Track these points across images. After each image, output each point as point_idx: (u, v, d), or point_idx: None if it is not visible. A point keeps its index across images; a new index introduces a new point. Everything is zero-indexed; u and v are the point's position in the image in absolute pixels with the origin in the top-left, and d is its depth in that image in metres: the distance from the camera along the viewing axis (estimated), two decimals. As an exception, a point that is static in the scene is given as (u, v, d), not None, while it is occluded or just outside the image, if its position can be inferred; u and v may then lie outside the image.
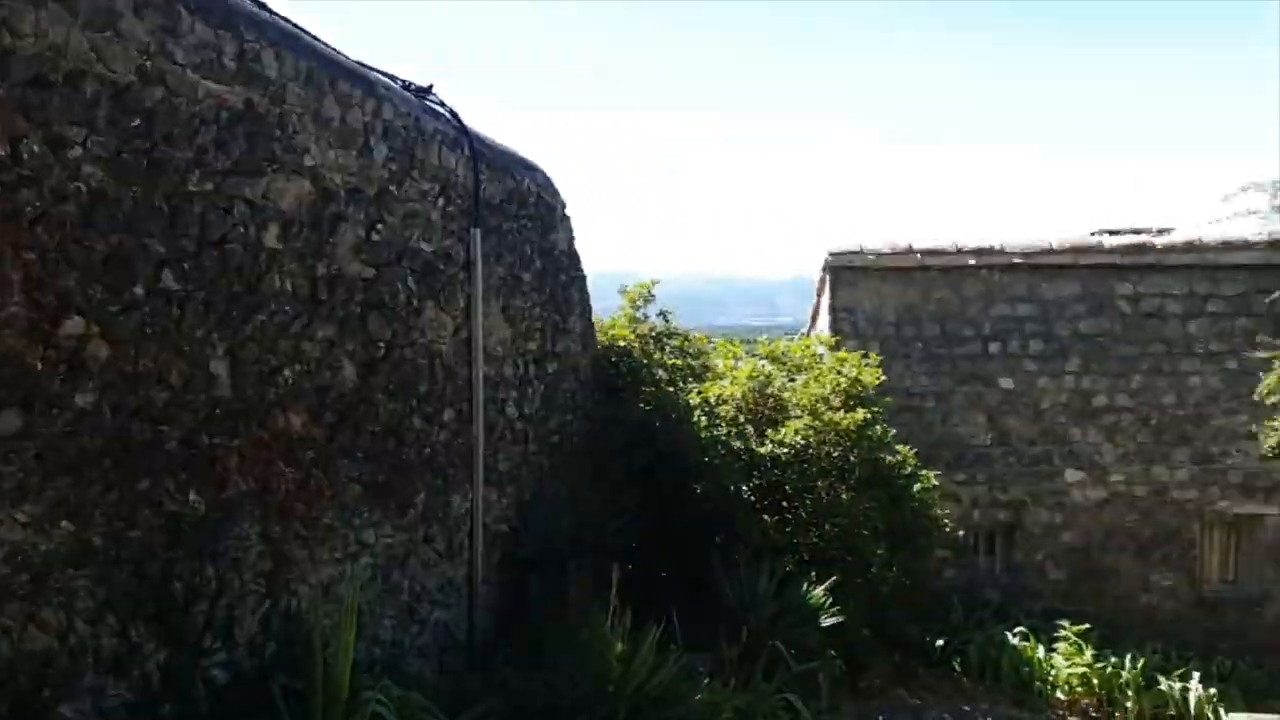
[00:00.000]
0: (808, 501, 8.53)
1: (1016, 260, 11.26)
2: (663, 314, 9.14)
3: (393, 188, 5.38)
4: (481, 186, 6.13)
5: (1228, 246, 11.02)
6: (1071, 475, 11.42)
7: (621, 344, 8.75)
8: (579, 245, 8.00)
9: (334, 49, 5.01)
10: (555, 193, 7.50)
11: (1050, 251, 11.22)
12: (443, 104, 5.93)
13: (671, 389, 8.64)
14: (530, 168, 7.17)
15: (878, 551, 8.56)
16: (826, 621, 7.42)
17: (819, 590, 7.55)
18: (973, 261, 11.28)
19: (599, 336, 8.63)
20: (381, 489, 5.33)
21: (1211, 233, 11.08)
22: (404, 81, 5.63)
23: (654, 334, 9.06)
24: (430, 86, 5.80)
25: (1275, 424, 8.95)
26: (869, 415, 8.54)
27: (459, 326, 6.04)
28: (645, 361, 8.70)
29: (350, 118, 5.01)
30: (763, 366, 8.98)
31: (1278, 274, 11.02)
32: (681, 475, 7.99)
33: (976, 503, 11.50)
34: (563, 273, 7.64)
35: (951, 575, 11.29)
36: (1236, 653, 10.95)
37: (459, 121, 6.02)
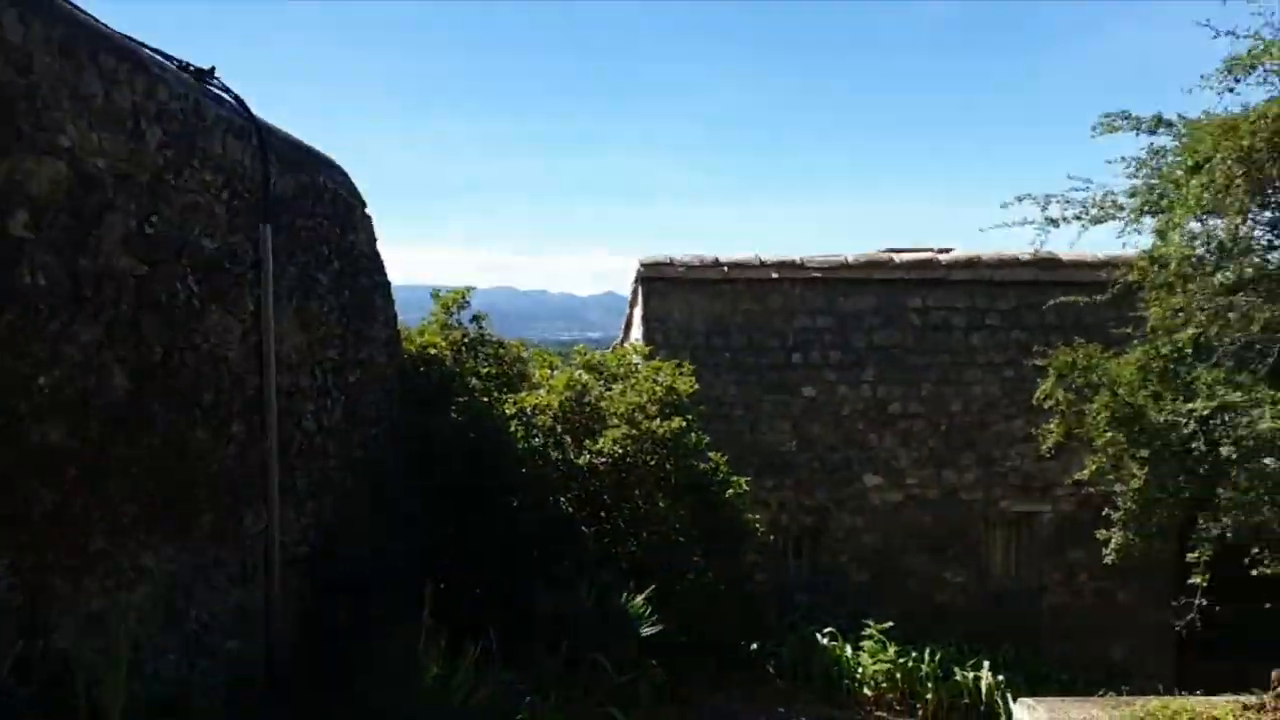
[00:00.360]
0: (626, 511, 8.45)
1: (816, 275, 11.70)
2: (476, 319, 8.84)
3: (169, 177, 4.89)
4: (272, 180, 5.69)
5: (1002, 264, 11.88)
6: (870, 479, 11.93)
7: (432, 352, 8.39)
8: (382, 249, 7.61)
9: (96, 19, 4.50)
10: (355, 191, 7.10)
11: (847, 266, 11.73)
12: (227, 90, 5.47)
13: (486, 399, 8.36)
14: (328, 164, 6.75)
15: (695, 558, 8.58)
16: (646, 631, 7.34)
17: (639, 600, 7.46)
18: (776, 275, 11.63)
19: (407, 345, 8.24)
20: (162, 509, 4.79)
21: (989, 251, 11.91)
22: (181, 62, 5.14)
23: (467, 341, 8.75)
24: (213, 69, 5.33)
25: (1050, 427, 9.61)
26: (684, 423, 8.57)
27: (247, 331, 5.56)
28: (458, 370, 8.38)
29: (117, 96, 4.51)
30: (580, 376, 8.86)
31: (1046, 290, 11.95)
32: (498, 488, 7.72)
33: (784, 507, 11.81)
34: (364, 275, 7.24)
35: (763, 579, 11.51)
36: (1020, 641, 11.74)
37: (246, 110, 5.57)
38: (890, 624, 10.44)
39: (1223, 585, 11.77)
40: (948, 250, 12.51)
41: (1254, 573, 8.79)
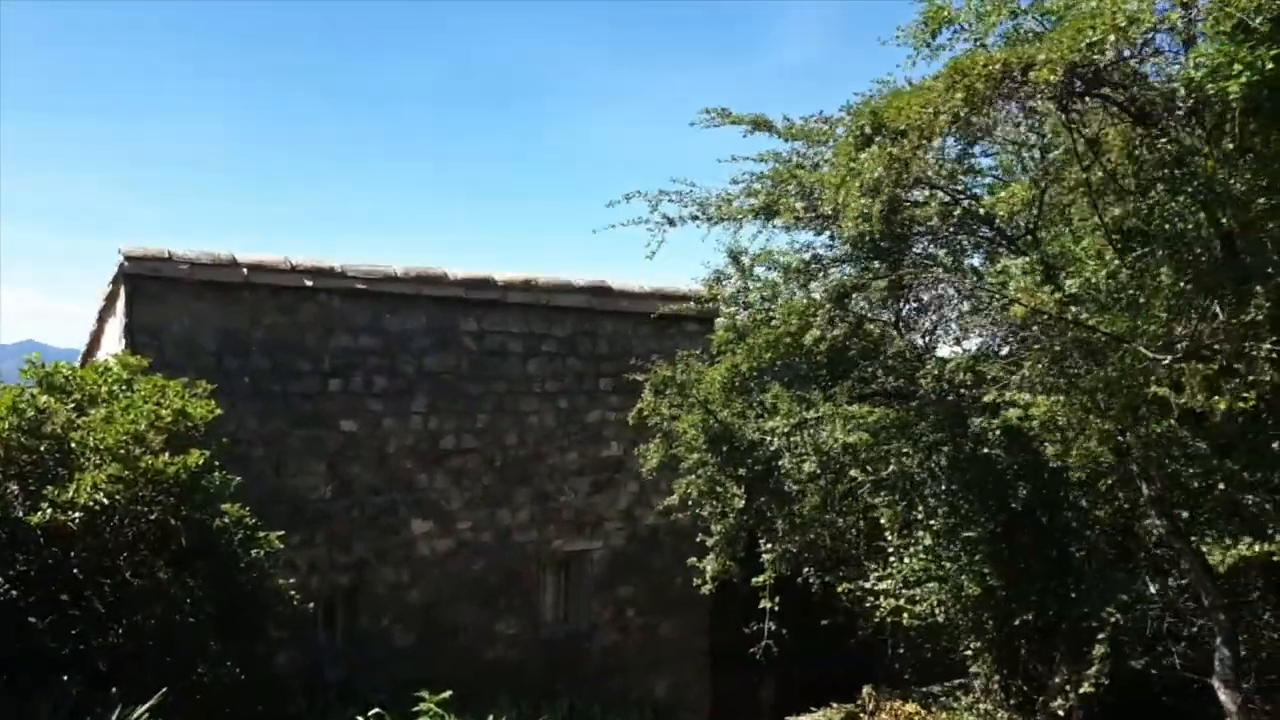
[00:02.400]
0: (107, 587, 5.96)
1: (360, 286, 9.96)
2: None
3: None
4: None
5: (558, 288, 11.19)
6: (419, 525, 10.38)
7: None
8: None
9: None
10: None
11: (394, 279, 10.17)
12: None
13: None
14: None
15: (210, 644, 6.35)
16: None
17: (141, 712, 5.13)
18: (310, 283, 9.67)
19: None
20: None
21: (545, 275, 11.15)
22: None
23: None
24: None
25: (651, 448, 8.97)
26: (203, 458, 6.33)
27: None
28: None
29: None
30: (35, 396, 6.16)
31: (599, 318, 11.53)
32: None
33: (315, 567, 9.77)
34: None
35: (287, 659, 9.33)
36: (572, 688, 10.95)
37: None
38: (449, 693, 8.92)
39: (748, 604, 12.08)
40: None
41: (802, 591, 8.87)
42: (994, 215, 5.96)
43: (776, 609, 8.59)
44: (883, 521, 7.54)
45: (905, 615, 7.30)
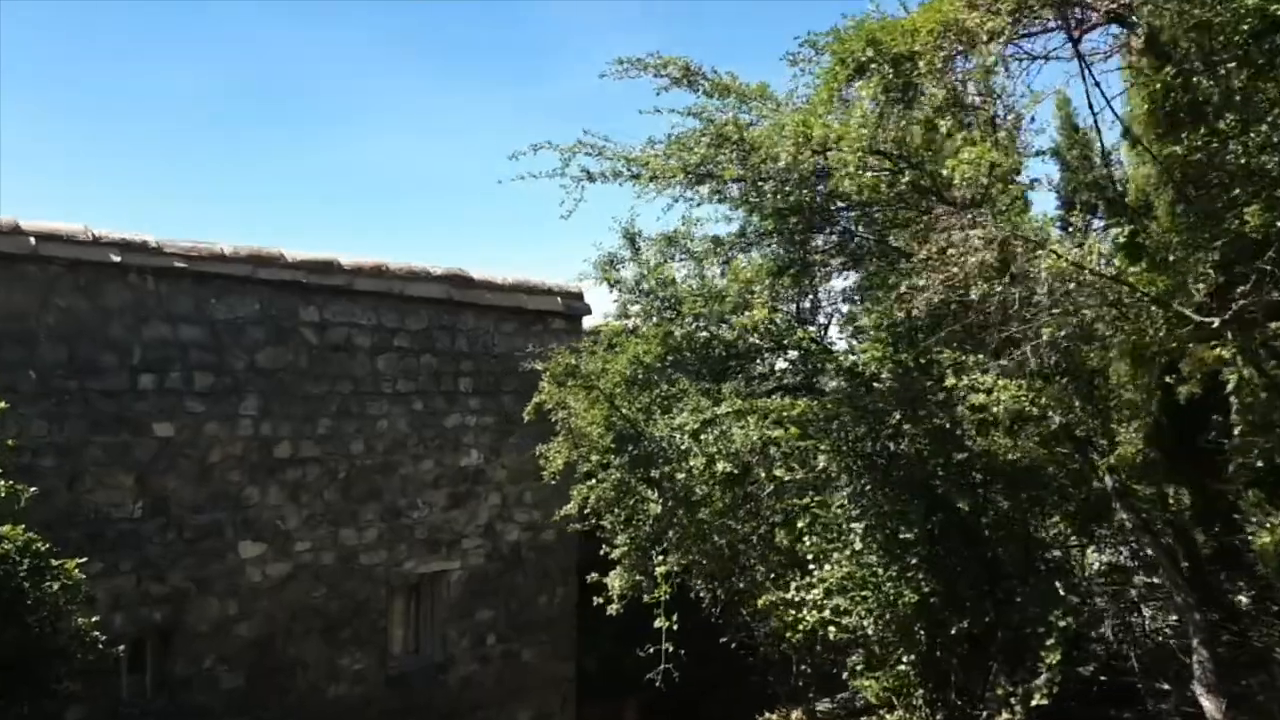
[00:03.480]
0: None
1: (181, 265, 8.42)
2: None
3: None
4: None
5: (413, 276, 9.98)
6: (249, 548, 8.87)
7: None
8: None
9: None
10: None
11: (223, 259, 8.68)
12: None
13: None
14: None
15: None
16: None
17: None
18: (118, 259, 8.07)
19: None
20: None
21: (398, 261, 9.91)
22: None
23: None
24: None
25: (555, 448, 7.92)
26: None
27: None
28: None
29: None
30: None
31: (458, 311, 10.39)
32: None
33: (121, 601, 8.11)
34: None
35: (78, 715, 7.66)
36: (428, 729, 9.72)
37: None
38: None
39: (621, 623, 11.22)
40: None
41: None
42: (946, 184, 5.40)
43: (672, 628, 7.74)
44: (800, 525, 6.84)
45: (832, 629, 6.61)
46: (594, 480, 7.53)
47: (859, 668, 7.30)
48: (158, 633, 8.40)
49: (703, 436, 6.91)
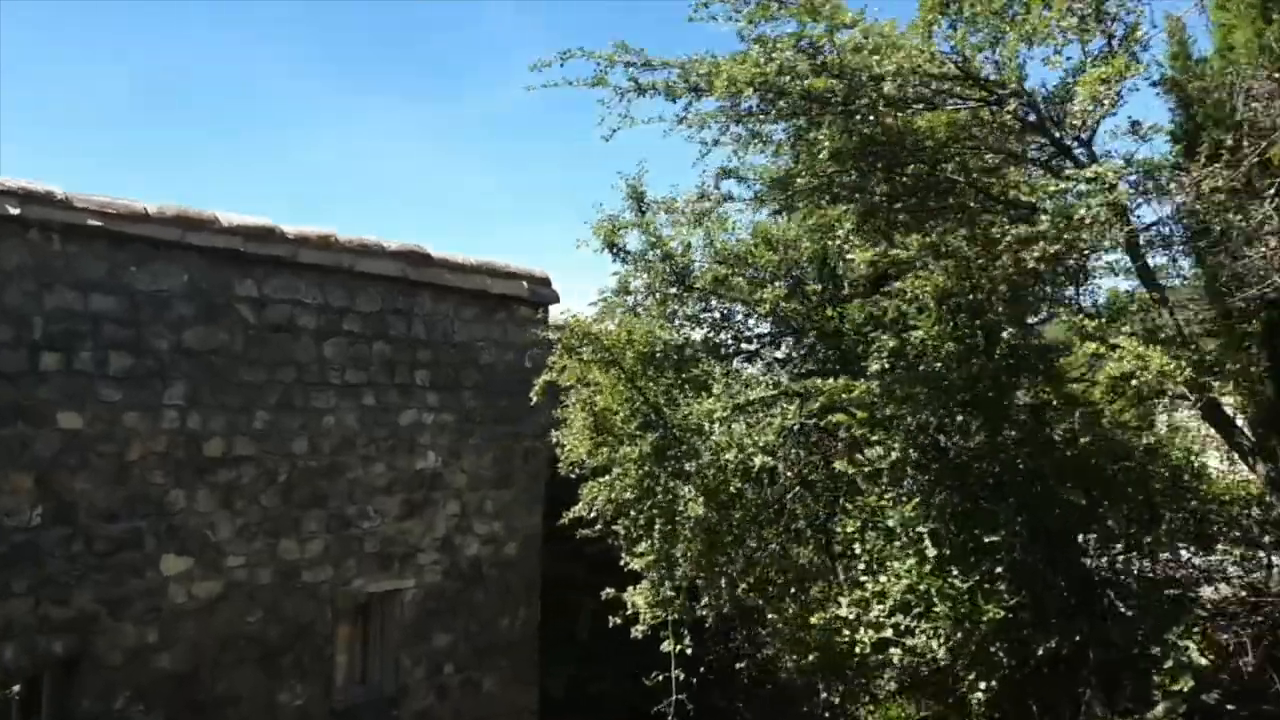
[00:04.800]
0: None
1: (95, 224, 7.05)
2: None
3: None
4: None
5: (365, 250, 8.74)
6: (173, 563, 7.47)
7: None
8: None
9: None
10: None
11: (145, 218, 7.33)
12: None
13: None
14: None
15: None
16: None
17: None
18: (16, 211, 6.67)
19: None
20: None
21: (348, 234, 8.68)
22: None
23: None
24: None
25: (572, 433, 6.75)
26: None
27: None
28: None
29: None
30: None
31: (415, 292, 9.20)
32: None
33: (12, 629, 6.64)
34: None
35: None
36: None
37: None
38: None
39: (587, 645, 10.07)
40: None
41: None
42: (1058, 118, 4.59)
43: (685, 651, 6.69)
44: (849, 529, 5.88)
45: (897, 650, 5.64)
46: (608, 476, 6.42)
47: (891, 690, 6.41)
48: (59, 666, 6.93)
49: (734, 425, 5.91)
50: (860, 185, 5.41)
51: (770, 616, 6.47)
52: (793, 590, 6.54)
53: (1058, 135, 4.93)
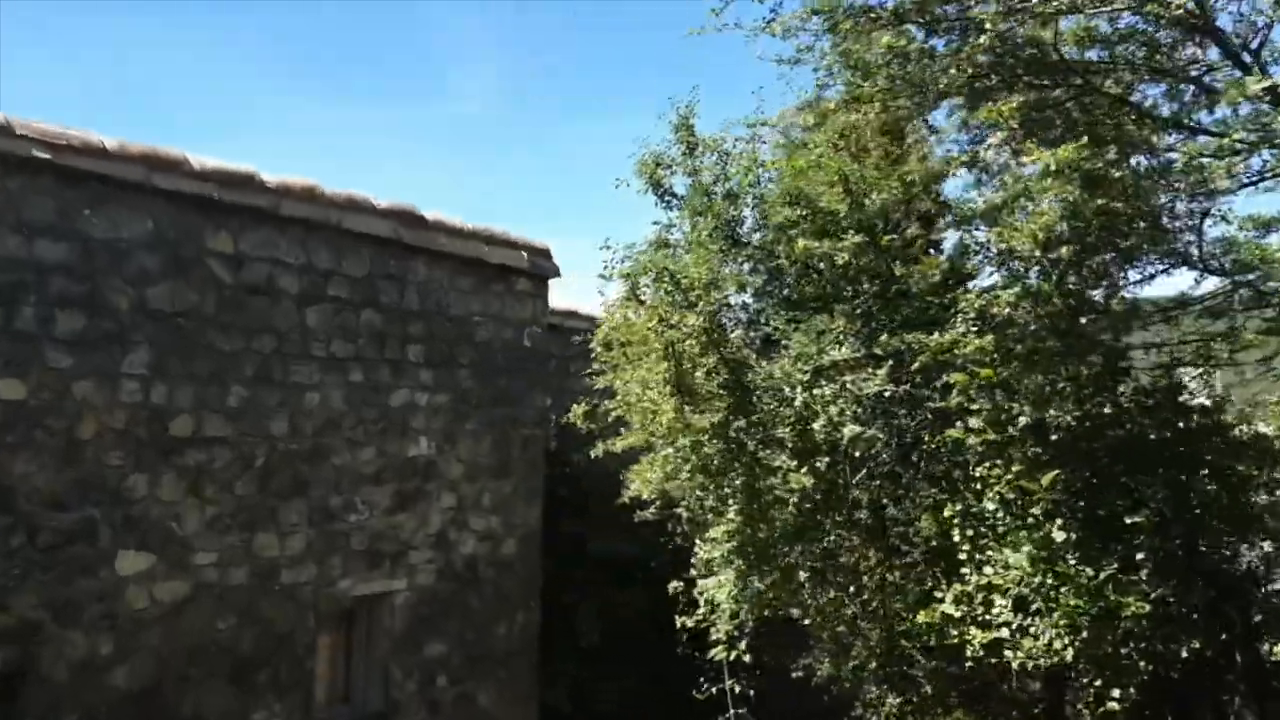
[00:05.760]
0: None
1: (40, 155, 5.93)
2: None
3: None
4: None
5: (353, 205, 7.69)
6: (131, 560, 6.34)
7: None
8: None
9: None
10: None
11: (103, 154, 6.23)
12: None
13: None
14: None
15: None
16: None
17: None
18: (-52, 137, 5.53)
19: None
20: None
21: (337, 189, 7.63)
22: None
23: None
24: None
25: (657, 374, 5.72)
26: None
27: None
28: None
29: None
30: None
31: (407, 257, 8.17)
32: None
33: (-64, 641, 5.47)
34: None
35: None
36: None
37: None
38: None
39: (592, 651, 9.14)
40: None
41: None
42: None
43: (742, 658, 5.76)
44: (948, 513, 5.02)
45: (1015, 654, 4.77)
46: (670, 450, 5.43)
47: None
48: (-7, 685, 5.77)
49: (816, 390, 5.03)
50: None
51: (922, 615, 5.49)
52: (864, 582, 5.66)
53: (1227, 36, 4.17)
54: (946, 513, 5.05)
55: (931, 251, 7.01)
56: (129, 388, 6.32)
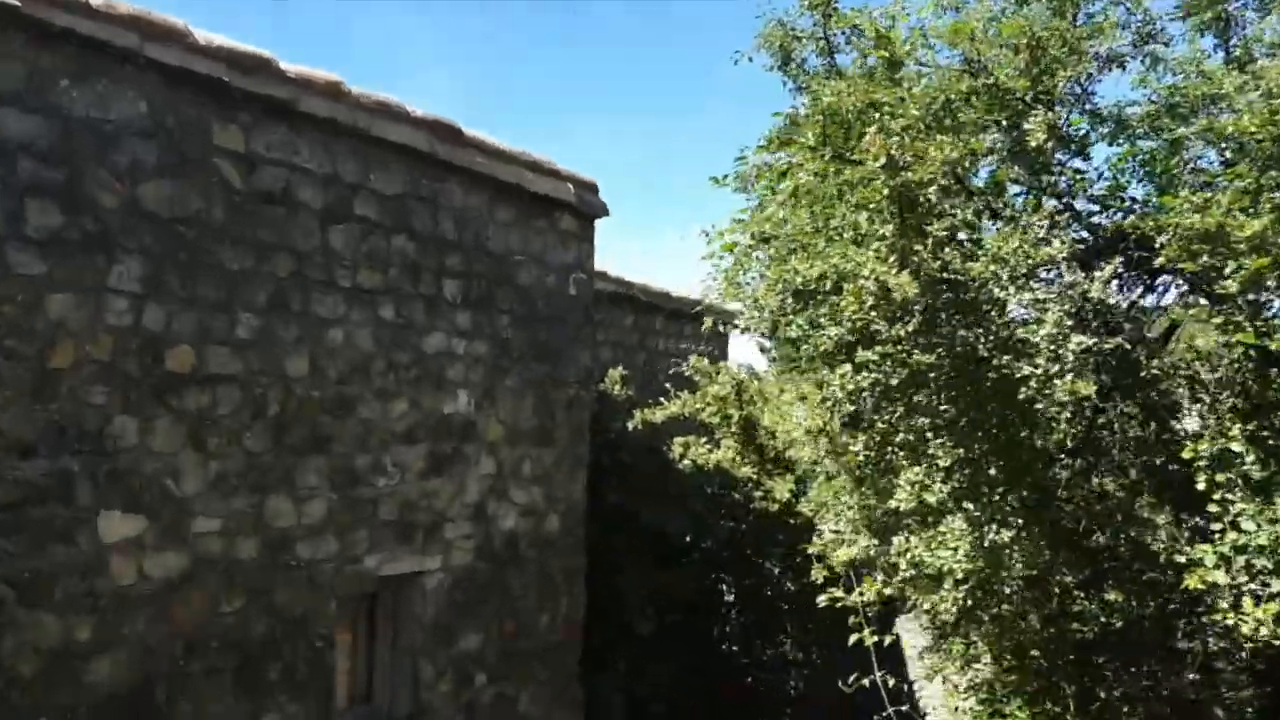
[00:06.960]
0: None
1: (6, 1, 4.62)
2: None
3: None
4: None
5: (384, 110, 6.42)
6: (116, 524, 5.03)
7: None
8: None
9: None
10: None
11: (87, 11, 4.92)
12: None
13: None
14: None
15: None
16: None
17: None
18: (-115, -39, 4.20)
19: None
20: None
21: (364, 88, 6.35)
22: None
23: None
24: None
25: (855, 296, 4.41)
26: None
27: None
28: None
29: None
30: None
31: (444, 175, 6.92)
32: None
33: None
34: None
35: None
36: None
37: None
38: None
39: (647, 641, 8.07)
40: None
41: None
42: None
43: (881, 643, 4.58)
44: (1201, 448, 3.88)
45: (1261, 626, 3.65)
46: (872, 357, 4.18)
47: None
48: (-63, 680, 4.45)
49: (1025, 295, 3.87)
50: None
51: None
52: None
53: None
54: (1187, 454, 3.94)
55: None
56: (116, 307, 5.02)
